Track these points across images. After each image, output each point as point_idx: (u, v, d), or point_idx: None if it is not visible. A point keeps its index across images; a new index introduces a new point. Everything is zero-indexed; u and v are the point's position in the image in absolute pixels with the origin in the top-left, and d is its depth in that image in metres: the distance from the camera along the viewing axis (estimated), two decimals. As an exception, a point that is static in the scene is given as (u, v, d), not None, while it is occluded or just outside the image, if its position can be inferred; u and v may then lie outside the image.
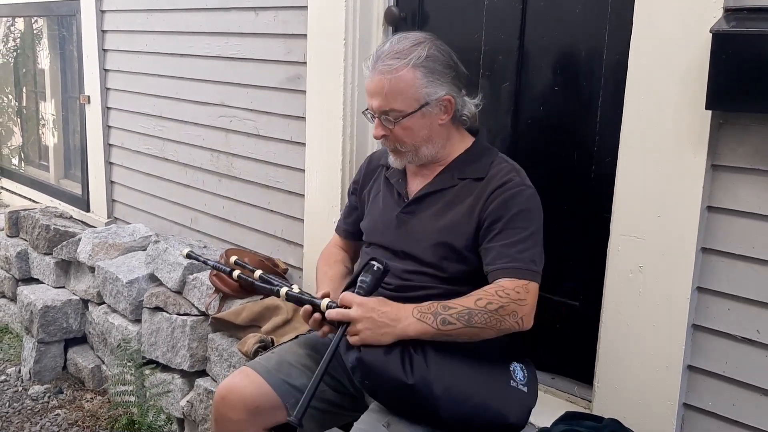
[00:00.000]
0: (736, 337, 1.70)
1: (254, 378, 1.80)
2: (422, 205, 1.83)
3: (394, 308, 1.64)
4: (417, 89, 1.73)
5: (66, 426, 3.16)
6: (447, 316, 1.60)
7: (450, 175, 1.82)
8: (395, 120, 1.75)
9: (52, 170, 4.93)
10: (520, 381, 1.72)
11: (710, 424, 1.76)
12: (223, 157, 3.19)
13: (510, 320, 1.62)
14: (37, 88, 5.14)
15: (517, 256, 1.66)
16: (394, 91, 1.72)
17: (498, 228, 1.69)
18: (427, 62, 1.73)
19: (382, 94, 1.73)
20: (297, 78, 2.75)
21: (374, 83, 1.75)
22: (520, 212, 1.70)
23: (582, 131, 2.04)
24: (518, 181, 1.74)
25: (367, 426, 1.63)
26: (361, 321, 1.61)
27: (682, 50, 1.67)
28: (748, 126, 1.62)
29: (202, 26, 3.19)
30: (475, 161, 1.82)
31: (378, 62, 1.74)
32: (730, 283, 1.70)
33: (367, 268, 1.69)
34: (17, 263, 4.02)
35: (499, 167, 1.78)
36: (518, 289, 1.63)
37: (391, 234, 1.85)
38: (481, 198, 1.73)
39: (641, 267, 1.79)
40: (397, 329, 1.60)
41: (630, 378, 1.84)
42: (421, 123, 1.76)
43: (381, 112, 1.76)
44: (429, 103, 1.74)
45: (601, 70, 1.98)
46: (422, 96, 1.73)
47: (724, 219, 1.69)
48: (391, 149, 1.83)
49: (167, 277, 3.03)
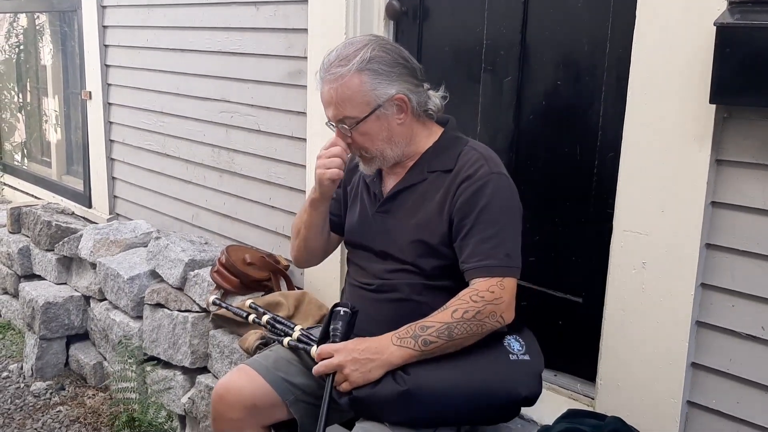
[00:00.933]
0: (740, 334, 1.68)
1: (252, 376, 1.80)
2: (396, 203, 1.80)
3: (373, 342, 1.62)
4: (365, 93, 1.69)
5: (68, 423, 3.15)
6: (427, 336, 1.58)
7: (420, 169, 1.79)
8: (351, 127, 1.72)
9: (54, 166, 4.93)
10: (519, 352, 1.70)
11: (714, 422, 1.75)
12: (224, 153, 3.18)
13: (490, 321, 1.61)
14: (39, 84, 5.13)
15: (490, 252, 1.64)
16: (343, 98, 1.69)
17: (469, 224, 1.66)
18: (372, 64, 1.69)
19: (333, 103, 1.71)
20: (298, 73, 2.74)
21: (324, 93, 1.73)
22: (490, 204, 1.66)
23: (584, 126, 2.02)
24: (485, 171, 1.70)
25: (369, 426, 1.61)
26: (345, 365, 1.59)
27: (686, 43, 1.65)
28: (753, 120, 1.60)
29: (202, 21, 3.17)
30: (443, 152, 1.78)
31: (325, 72, 1.71)
32: (735, 279, 1.68)
33: (334, 315, 1.66)
34: (19, 259, 4.01)
35: (467, 157, 1.74)
36: (492, 289, 1.61)
37: (369, 234, 1.83)
38: (450, 192, 1.71)
39: (644, 263, 1.77)
40: (381, 360, 1.59)
41: (633, 375, 1.83)
42: (378, 126, 1.73)
43: (337, 121, 1.74)
44: (381, 105, 1.70)
45: (604, 64, 1.95)
46: (372, 99, 1.70)
47: (728, 214, 1.67)
48: (358, 156, 1.81)
49: (168, 274, 3.02)
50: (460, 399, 1.60)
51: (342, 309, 1.66)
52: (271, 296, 2.60)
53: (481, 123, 2.27)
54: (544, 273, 2.14)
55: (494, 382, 1.62)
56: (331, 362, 1.60)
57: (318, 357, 1.63)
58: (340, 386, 1.60)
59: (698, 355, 1.75)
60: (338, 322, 1.65)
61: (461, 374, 1.61)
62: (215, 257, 2.90)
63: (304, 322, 2.51)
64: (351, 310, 1.66)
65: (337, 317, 1.66)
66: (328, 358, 1.61)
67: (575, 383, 2.11)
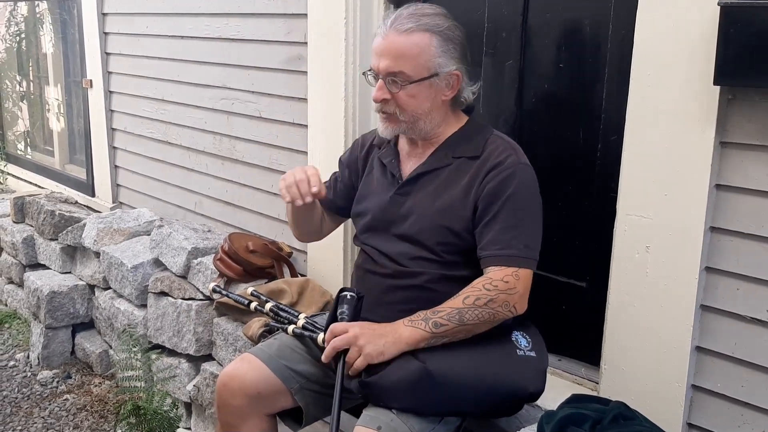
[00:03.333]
0: (745, 318, 1.67)
1: (256, 364, 1.79)
2: (417, 186, 1.78)
3: (385, 324, 1.63)
4: (430, 57, 1.67)
5: (75, 411, 3.17)
6: (437, 319, 1.58)
7: (444, 153, 1.77)
8: (402, 84, 1.68)
9: (57, 155, 4.93)
10: (525, 348, 1.70)
11: (719, 405, 1.74)
12: (225, 140, 3.16)
13: (503, 310, 1.61)
14: (40, 73, 5.12)
15: (510, 242, 1.63)
16: (406, 53, 1.65)
17: (493, 211, 1.66)
18: (446, 32, 1.68)
19: (393, 55, 1.66)
20: (298, 59, 2.72)
21: (386, 41, 1.67)
22: (516, 194, 1.66)
23: (587, 108, 2.00)
24: (514, 160, 1.69)
25: (376, 413, 1.61)
26: (360, 337, 1.58)
27: (690, 24, 1.62)
28: (757, 101, 1.57)
29: (201, 7, 3.15)
30: (469, 139, 1.77)
31: (395, 21, 1.67)
32: (739, 262, 1.66)
33: (341, 299, 1.66)
34: (24, 249, 4.02)
35: (494, 145, 1.73)
36: (507, 278, 1.61)
37: (386, 216, 1.80)
38: (477, 178, 1.69)
39: (648, 247, 1.76)
40: (394, 337, 1.59)
41: (637, 359, 1.82)
42: (426, 93, 1.70)
43: (388, 74, 1.68)
44: (438, 75, 1.69)
45: (607, 46, 1.93)
46: (434, 65, 1.68)
47: (732, 197, 1.65)
48: (387, 114, 1.74)
49: (172, 262, 3.02)
50: (470, 389, 1.60)
51: (348, 293, 1.66)
52: (275, 283, 2.60)
53: (483, 107, 2.25)
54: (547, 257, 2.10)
55: (503, 376, 1.63)
56: (347, 335, 1.59)
57: (330, 334, 1.62)
58: (355, 362, 1.58)
59: (703, 339, 1.74)
60: (344, 306, 1.65)
61: (473, 364, 1.61)
62: (218, 245, 2.90)
63: (307, 309, 2.51)
64: (357, 295, 1.66)
65: (344, 301, 1.66)
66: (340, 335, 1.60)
67: (579, 368, 2.10)
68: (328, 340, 1.62)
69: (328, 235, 2.13)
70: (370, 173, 1.91)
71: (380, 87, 1.70)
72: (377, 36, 1.71)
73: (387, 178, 1.85)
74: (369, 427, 1.56)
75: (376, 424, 1.56)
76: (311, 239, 2.12)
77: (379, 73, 1.70)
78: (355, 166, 1.98)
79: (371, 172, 1.91)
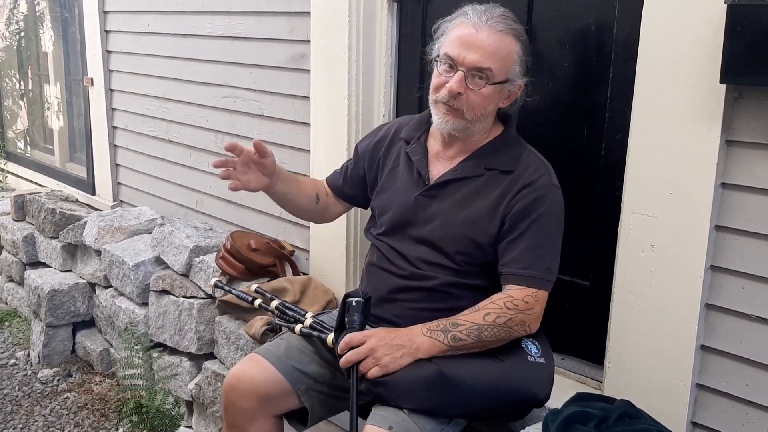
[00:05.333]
0: (750, 316, 1.67)
1: (264, 365, 1.78)
2: (444, 192, 1.76)
3: (403, 330, 1.63)
4: (512, 63, 1.67)
5: (75, 409, 3.17)
6: (457, 333, 1.59)
7: (476, 162, 1.75)
8: (483, 83, 1.65)
9: (57, 154, 4.92)
10: (536, 354, 1.71)
11: (724, 404, 1.74)
12: (227, 139, 3.16)
13: (518, 329, 1.64)
14: (41, 71, 5.11)
15: (533, 263, 1.64)
16: (497, 53, 1.64)
17: (520, 230, 1.66)
18: (526, 43, 1.69)
19: (486, 51, 1.63)
20: (301, 57, 2.71)
21: (481, 36, 1.63)
22: (545, 215, 1.66)
23: (592, 107, 2.00)
24: (547, 180, 1.70)
25: (387, 412, 1.60)
26: (377, 349, 1.58)
27: (696, 22, 1.62)
28: (763, 100, 1.57)
29: (204, 5, 3.14)
30: (503, 152, 1.76)
31: (489, 18, 1.64)
32: (744, 261, 1.66)
33: (347, 307, 1.64)
34: (24, 247, 4.02)
35: (528, 161, 1.73)
36: (527, 299, 1.62)
37: (408, 216, 1.78)
38: (508, 194, 1.69)
39: (653, 246, 1.76)
40: (412, 348, 1.59)
41: (642, 358, 1.82)
42: (494, 97, 1.70)
43: (474, 68, 1.64)
44: (509, 81, 1.69)
45: (612, 44, 1.93)
46: (512, 72, 1.68)
47: (738, 196, 1.65)
48: (452, 109, 1.70)
49: (173, 260, 3.01)
50: (481, 394, 1.60)
51: (354, 300, 1.64)
52: (277, 282, 2.59)
53: (487, 105, 2.24)
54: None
55: (514, 382, 1.63)
56: (364, 347, 1.58)
57: (346, 345, 1.60)
58: (369, 372, 1.57)
59: (707, 337, 1.74)
60: (353, 313, 1.63)
61: (485, 369, 1.62)
62: (220, 243, 2.89)
63: (310, 308, 2.50)
64: (363, 298, 1.64)
65: (350, 308, 1.64)
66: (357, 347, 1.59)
67: (583, 367, 2.10)
68: (343, 350, 1.60)
69: (335, 219, 2.12)
70: (395, 167, 1.87)
71: (460, 79, 1.65)
72: (463, 25, 1.66)
73: (413, 177, 1.82)
74: (380, 426, 1.56)
75: (387, 424, 1.56)
76: (312, 220, 2.11)
77: (463, 65, 1.65)
78: (375, 156, 1.94)
79: (396, 166, 1.87)
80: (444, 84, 1.68)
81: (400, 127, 1.93)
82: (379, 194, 1.89)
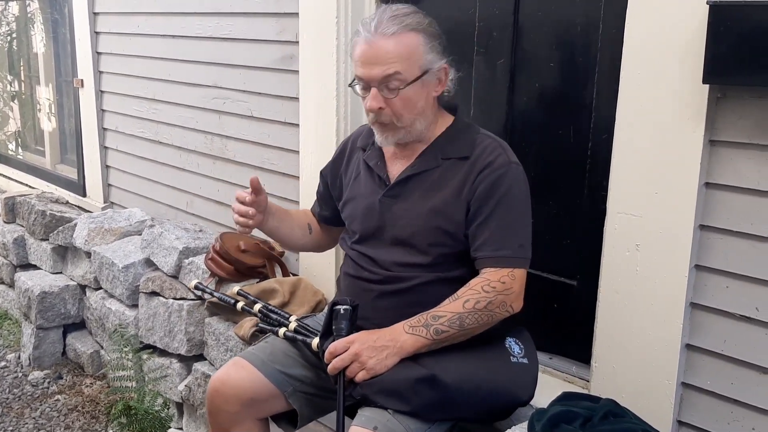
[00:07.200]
0: (734, 315, 1.68)
1: (248, 369, 1.77)
2: (406, 189, 1.74)
3: (386, 330, 1.62)
4: (420, 55, 1.64)
5: (66, 411, 3.16)
6: (438, 326, 1.58)
7: (432, 155, 1.74)
8: (398, 88, 1.63)
9: (47, 155, 4.90)
10: (518, 354, 1.70)
11: (709, 402, 1.75)
12: (217, 140, 3.16)
13: (500, 311, 1.62)
14: (31, 73, 5.10)
15: (504, 243, 1.63)
16: (398, 55, 1.62)
17: (486, 212, 1.64)
18: (428, 28, 1.66)
19: (385, 59, 1.61)
20: (290, 58, 2.71)
21: (375, 48, 1.62)
22: (509, 194, 1.65)
23: (578, 107, 2.01)
24: (505, 159, 1.68)
25: (372, 413, 1.60)
26: (362, 353, 1.57)
27: (679, 23, 1.63)
28: (746, 100, 1.58)
29: (193, 6, 3.14)
30: (456, 139, 1.74)
31: (379, 26, 1.63)
32: (729, 260, 1.67)
33: (335, 315, 1.63)
34: (14, 249, 4.00)
35: (483, 144, 1.71)
36: (503, 279, 1.61)
37: (375, 220, 1.77)
38: (468, 179, 1.67)
39: (638, 245, 1.76)
40: (396, 348, 1.58)
41: (628, 357, 1.82)
42: (419, 93, 1.67)
43: (382, 79, 1.63)
44: (429, 71, 1.66)
45: (597, 45, 1.94)
46: (424, 63, 1.65)
47: (722, 195, 1.66)
48: (383, 124, 1.70)
49: (163, 262, 3.01)
50: (466, 396, 1.60)
51: (342, 307, 1.63)
52: (266, 283, 2.59)
53: (474, 105, 2.25)
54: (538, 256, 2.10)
55: (498, 384, 1.63)
56: (348, 353, 1.58)
57: (330, 355, 1.59)
58: (356, 376, 1.57)
59: (692, 336, 1.74)
60: (341, 321, 1.62)
61: (469, 371, 1.61)
62: (210, 244, 2.89)
63: (299, 309, 2.50)
64: (351, 305, 1.64)
65: (338, 316, 1.63)
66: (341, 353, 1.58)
67: (570, 366, 2.10)
68: (329, 359, 1.59)
69: (329, 248, 2.11)
70: (357, 176, 1.86)
71: (374, 96, 1.64)
72: (359, 44, 1.65)
73: (374, 181, 1.80)
74: (365, 427, 1.56)
75: (372, 424, 1.56)
76: (311, 250, 2.11)
77: (371, 81, 1.65)
78: (336, 172, 1.94)
79: (358, 175, 1.86)
80: None
81: (357, 137, 1.92)
82: (346, 204, 1.88)
